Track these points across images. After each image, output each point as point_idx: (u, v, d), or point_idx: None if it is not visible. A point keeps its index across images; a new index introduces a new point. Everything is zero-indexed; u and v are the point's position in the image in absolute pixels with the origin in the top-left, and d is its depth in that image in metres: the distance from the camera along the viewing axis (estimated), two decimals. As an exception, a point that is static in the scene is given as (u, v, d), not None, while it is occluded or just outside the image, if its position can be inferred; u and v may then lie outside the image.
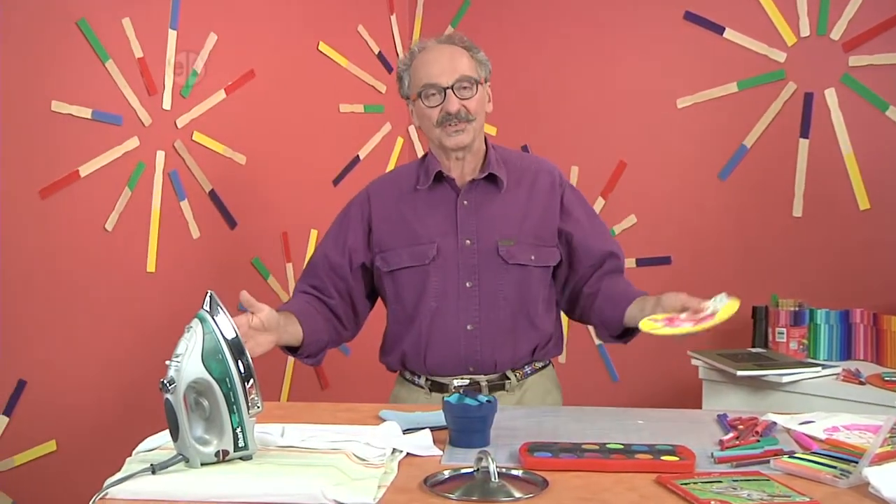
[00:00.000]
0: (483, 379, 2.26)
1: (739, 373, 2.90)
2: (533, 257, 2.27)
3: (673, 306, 2.04)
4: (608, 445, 1.71)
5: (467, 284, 2.26)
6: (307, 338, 2.21)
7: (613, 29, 3.72)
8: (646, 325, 2.01)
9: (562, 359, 3.82)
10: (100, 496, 1.48)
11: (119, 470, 1.60)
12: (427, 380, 2.31)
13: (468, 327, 2.25)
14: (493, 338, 2.25)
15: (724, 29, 3.50)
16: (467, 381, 2.23)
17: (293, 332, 2.18)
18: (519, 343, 2.28)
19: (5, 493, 2.72)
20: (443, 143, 2.26)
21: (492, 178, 2.30)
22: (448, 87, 2.22)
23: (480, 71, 2.29)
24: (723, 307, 1.97)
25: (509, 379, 2.28)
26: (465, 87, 2.23)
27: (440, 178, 2.30)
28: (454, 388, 2.22)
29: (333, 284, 2.35)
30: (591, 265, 2.32)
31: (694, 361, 3.15)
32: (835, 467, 1.57)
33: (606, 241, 2.37)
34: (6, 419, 2.71)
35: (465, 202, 2.29)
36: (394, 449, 1.71)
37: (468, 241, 2.26)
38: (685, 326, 1.96)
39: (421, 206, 2.31)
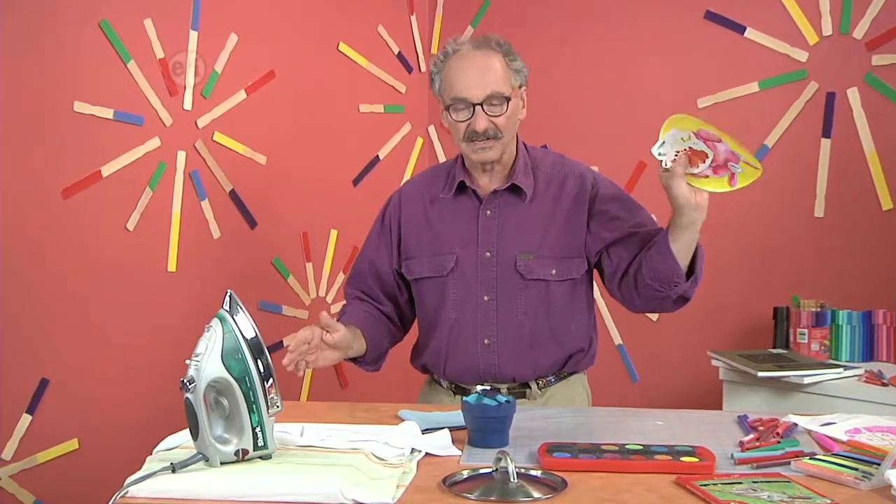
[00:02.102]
0: (504, 387, 2.20)
1: (760, 374, 2.89)
2: (554, 271, 2.19)
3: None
4: (627, 446, 1.71)
5: (485, 298, 2.20)
6: (370, 349, 2.24)
7: (634, 28, 3.70)
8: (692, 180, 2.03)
9: (581, 359, 3.82)
10: (120, 494, 1.49)
11: (140, 468, 1.61)
12: (450, 384, 2.28)
13: (486, 342, 2.20)
14: (512, 353, 2.19)
15: (745, 28, 3.48)
16: (489, 388, 2.21)
17: (358, 347, 2.20)
18: (541, 357, 2.21)
19: (28, 491, 2.74)
20: (469, 157, 2.19)
21: (516, 189, 2.22)
22: (478, 104, 2.12)
23: (515, 80, 2.20)
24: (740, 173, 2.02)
25: (530, 388, 2.23)
26: (494, 104, 2.13)
27: (464, 186, 2.25)
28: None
29: (382, 290, 2.34)
30: (641, 248, 2.18)
31: (714, 362, 3.14)
32: (856, 469, 1.56)
33: (647, 221, 2.25)
34: (29, 417, 2.73)
35: (489, 212, 2.22)
36: (413, 449, 1.71)
37: (488, 254, 2.20)
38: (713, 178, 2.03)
39: (445, 214, 2.26)
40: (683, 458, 1.63)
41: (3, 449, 2.70)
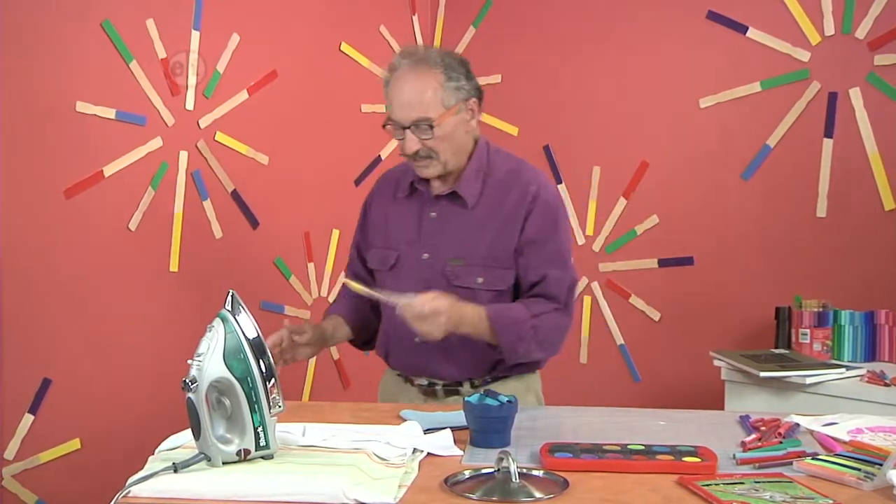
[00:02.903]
0: (440, 384, 2.24)
1: (762, 374, 2.89)
2: (481, 280, 2.18)
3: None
4: (629, 446, 1.71)
5: None
6: (356, 335, 2.39)
7: (635, 28, 3.70)
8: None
9: (583, 359, 3.82)
10: (122, 494, 1.49)
11: (142, 468, 1.61)
12: (399, 373, 2.34)
13: (416, 339, 2.17)
14: (440, 353, 2.18)
15: (747, 28, 3.48)
16: (426, 382, 2.24)
17: (342, 335, 2.35)
18: (467, 360, 2.21)
19: (30, 491, 2.75)
20: (413, 169, 2.24)
21: (454, 194, 2.23)
22: (406, 128, 2.14)
23: (452, 98, 2.16)
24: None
25: (462, 386, 2.23)
26: (422, 128, 2.13)
27: (413, 186, 2.29)
28: (416, 386, 2.27)
29: (368, 272, 2.39)
30: (525, 290, 2.21)
31: (716, 362, 3.14)
32: (859, 469, 1.56)
33: (547, 264, 2.20)
34: (31, 417, 2.74)
35: (433, 214, 2.25)
36: (414, 449, 1.71)
37: (426, 255, 2.22)
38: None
39: (399, 211, 2.31)
40: (685, 459, 1.63)
41: (6, 449, 2.70)
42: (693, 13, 3.58)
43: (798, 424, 1.89)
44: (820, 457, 1.65)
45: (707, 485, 1.49)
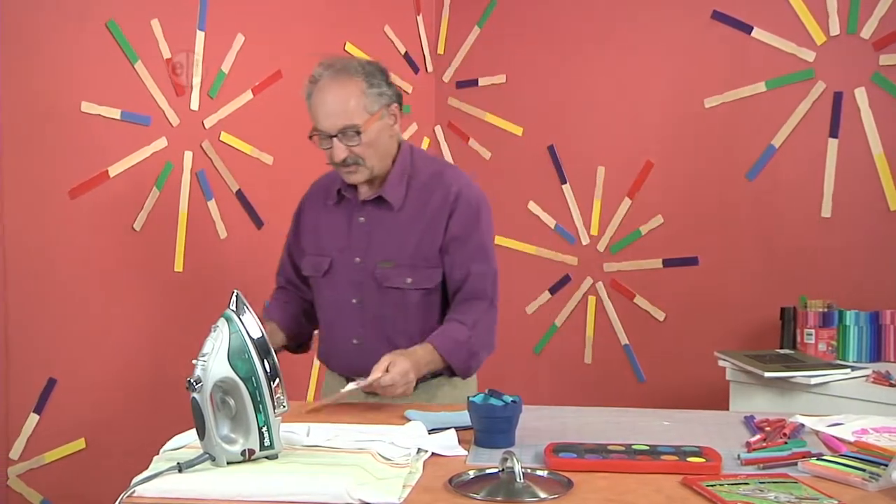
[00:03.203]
0: None
1: (767, 374, 2.88)
2: (409, 280, 2.25)
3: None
4: (634, 446, 1.71)
5: (353, 301, 2.28)
6: (290, 340, 2.39)
7: (640, 28, 3.70)
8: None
9: (587, 359, 3.82)
10: (127, 494, 1.49)
11: (146, 468, 1.61)
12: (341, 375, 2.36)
13: (354, 341, 2.29)
14: (378, 354, 2.17)
15: (752, 28, 3.47)
16: (354, 386, 2.16)
17: (277, 341, 2.29)
18: None
19: (35, 490, 2.75)
20: (341, 177, 2.27)
21: (381, 198, 2.27)
22: (333, 136, 2.18)
23: (374, 105, 2.20)
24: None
25: None
26: (349, 136, 2.17)
27: (348, 190, 2.31)
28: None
29: (300, 277, 2.43)
30: (451, 287, 2.28)
31: (721, 363, 3.13)
32: (864, 470, 1.56)
33: (470, 260, 2.27)
34: (36, 417, 2.74)
35: (361, 219, 2.29)
36: (419, 449, 1.71)
37: (357, 259, 2.28)
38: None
39: (329, 218, 2.35)
40: (690, 459, 1.63)
41: (11, 448, 2.71)
42: (698, 13, 3.58)
43: (803, 425, 1.88)
44: (825, 457, 1.64)
45: (711, 485, 1.49)
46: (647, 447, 1.70)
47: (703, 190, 3.60)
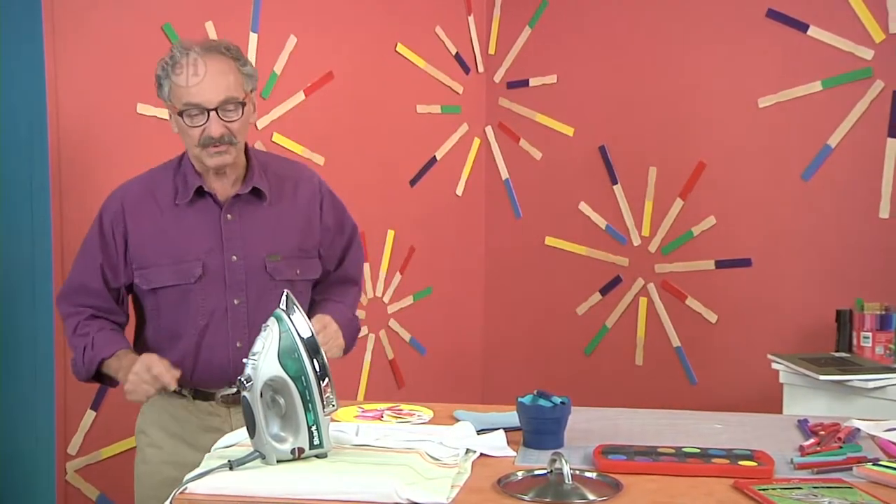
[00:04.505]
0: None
1: (822, 377, 2.84)
2: (298, 271, 2.23)
3: None
4: (684, 449, 1.69)
5: (235, 302, 2.16)
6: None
7: (694, 27, 3.66)
8: None
9: (639, 361, 3.80)
10: (179, 491, 1.51)
11: (198, 465, 1.63)
12: (191, 390, 2.20)
13: (238, 344, 2.15)
14: None
15: (808, 26, 3.42)
16: (235, 390, 1.84)
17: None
18: None
19: (93, 485, 2.80)
20: (203, 162, 2.13)
21: (256, 192, 2.20)
22: (212, 110, 2.07)
23: (247, 85, 2.14)
24: None
25: None
26: (229, 110, 2.09)
27: (201, 192, 2.18)
28: (221, 397, 2.16)
29: (116, 301, 2.23)
30: (327, 275, 2.33)
31: (775, 365, 3.10)
32: (920, 476, 1.53)
33: (345, 249, 2.37)
34: (93, 414, 2.79)
35: (230, 216, 2.18)
36: (467, 449, 1.71)
37: (234, 258, 2.16)
38: None
39: (184, 221, 2.18)
40: (741, 462, 1.61)
41: (69, 444, 2.76)
42: (752, 11, 3.53)
43: (859, 429, 1.85)
44: (881, 462, 1.61)
45: (763, 489, 1.48)
46: (698, 450, 1.69)
47: (756, 190, 3.55)
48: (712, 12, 3.62)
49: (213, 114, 2.08)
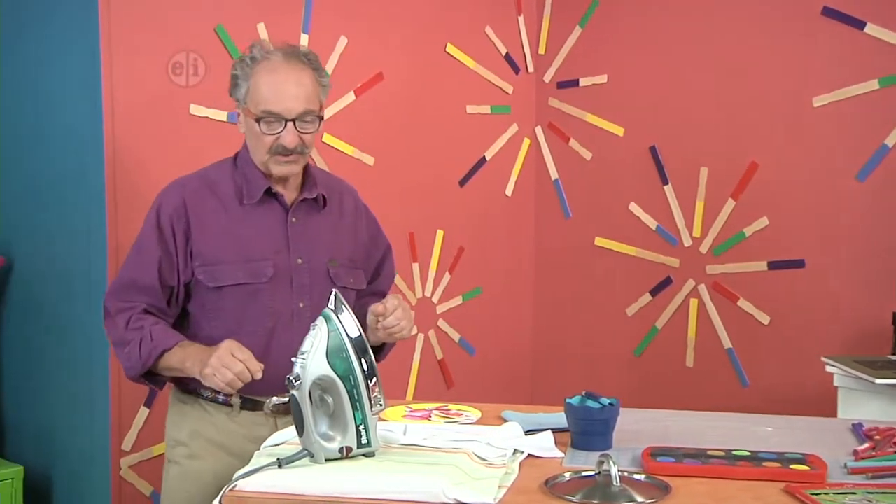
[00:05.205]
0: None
1: (878, 381, 2.80)
2: (352, 280, 2.24)
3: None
4: (734, 452, 1.68)
5: (300, 305, 2.15)
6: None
7: (747, 25, 3.62)
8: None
9: (689, 363, 3.77)
10: (229, 488, 1.53)
11: (247, 463, 1.65)
12: (240, 397, 2.12)
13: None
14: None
15: (864, 24, 3.36)
16: (286, 399, 1.74)
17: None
18: None
19: (146, 482, 2.84)
20: (270, 168, 2.13)
21: (316, 198, 2.21)
22: (290, 120, 2.07)
23: (323, 96, 2.17)
24: None
25: None
26: (307, 122, 2.10)
27: (269, 192, 2.17)
28: (272, 405, 2.00)
29: (168, 300, 2.16)
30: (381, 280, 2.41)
31: (829, 368, 3.05)
32: (978, 483, 1.50)
33: (383, 262, 2.43)
34: (147, 411, 2.83)
35: (294, 220, 2.18)
36: (515, 450, 1.71)
37: (299, 260, 2.16)
38: None
39: (250, 220, 2.16)
40: (793, 466, 1.60)
41: (123, 440, 2.80)
42: (807, 9, 3.48)
43: (914, 434, 1.82)
44: (937, 468, 1.59)
45: (816, 494, 1.46)
46: (749, 453, 1.67)
47: (810, 191, 3.50)
48: (766, 10, 3.58)
49: (290, 124, 2.08)
